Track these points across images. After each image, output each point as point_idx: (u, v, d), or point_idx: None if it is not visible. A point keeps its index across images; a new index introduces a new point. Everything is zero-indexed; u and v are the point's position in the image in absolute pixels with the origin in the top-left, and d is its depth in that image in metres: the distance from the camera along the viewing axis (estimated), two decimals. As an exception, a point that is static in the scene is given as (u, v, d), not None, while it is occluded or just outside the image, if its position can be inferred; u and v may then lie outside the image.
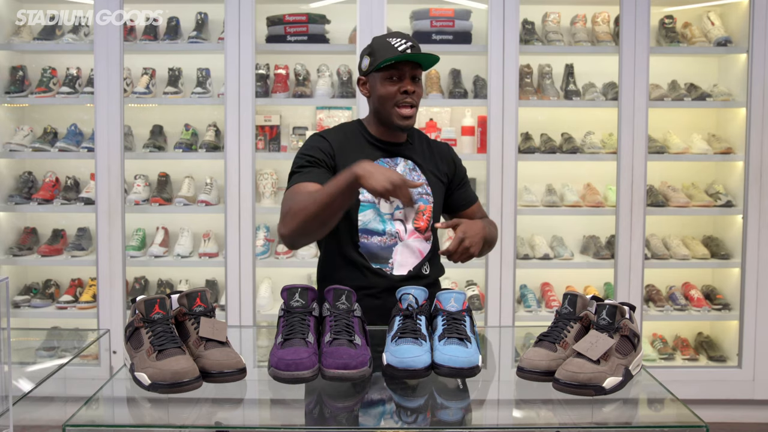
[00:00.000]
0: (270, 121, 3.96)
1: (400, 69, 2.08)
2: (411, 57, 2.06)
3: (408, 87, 2.08)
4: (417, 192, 2.17)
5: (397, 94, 2.09)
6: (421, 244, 2.17)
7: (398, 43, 2.07)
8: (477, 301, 3.87)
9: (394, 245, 2.13)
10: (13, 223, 4.02)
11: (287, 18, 3.82)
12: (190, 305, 1.70)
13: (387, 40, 2.09)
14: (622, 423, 1.61)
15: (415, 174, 2.19)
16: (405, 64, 2.08)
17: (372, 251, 2.13)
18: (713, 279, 4.13)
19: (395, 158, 2.19)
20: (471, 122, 3.96)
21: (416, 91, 2.11)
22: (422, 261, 2.17)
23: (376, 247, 2.12)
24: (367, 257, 2.13)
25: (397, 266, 2.14)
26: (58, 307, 3.89)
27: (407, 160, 2.20)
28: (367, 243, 2.12)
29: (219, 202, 3.92)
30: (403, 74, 2.09)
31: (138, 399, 1.61)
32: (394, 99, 2.10)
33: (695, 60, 4.14)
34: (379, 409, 1.64)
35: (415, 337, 1.68)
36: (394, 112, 2.11)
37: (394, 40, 2.09)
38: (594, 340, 1.61)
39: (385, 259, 2.13)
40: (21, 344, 2.60)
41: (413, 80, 2.10)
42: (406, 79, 2.09)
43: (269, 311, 3.87)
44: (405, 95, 2.09)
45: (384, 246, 2.13)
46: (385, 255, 2.13)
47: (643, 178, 3.79)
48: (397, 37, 2.10)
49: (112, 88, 3.72)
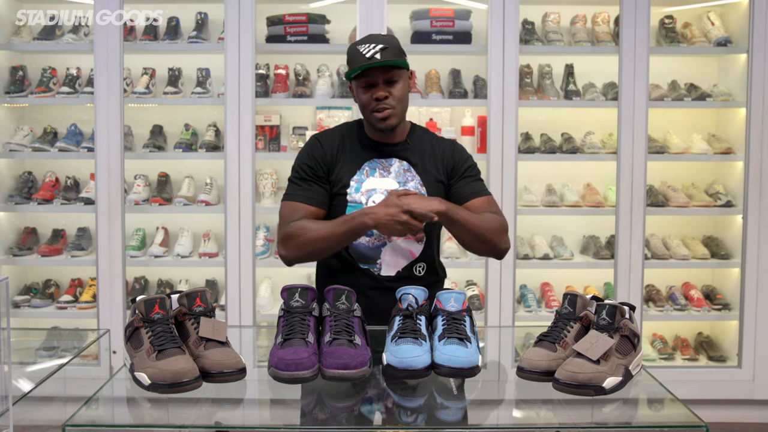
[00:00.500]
0: (270, 121, 3.96)
1: (370, 76, 2.06)
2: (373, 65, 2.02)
3: (379, 93, 2.06)
4: None
5: (371, 102, 2.08)
6: (411, 245, 2.14)
7: (366, 50, 2.04)
8: (477, 301, 3.87)
9: (382, 246, 2.12)
10: (13, 223, 4.02)
11: (287, 18, 3.82)
12: (190, 305, 1.70)
13: (357, 48, 2.07)
14: (622, 423, 1.61)
15: (409, 174, 2.17)
16: (375, 70, 2.05)
17: (360, 251, 2.13)
18: (713, 279, 4.13)
19: (390, 159, 2.18)
20: (471, 122, 3.96)
21: (390, 95, 2.07)
22: (413, 262, 2.15)
23: (364, 247, 2.13)
24: (356, 257, 2.14)
25: (385, 266, 2.13)
26: (58, 307, 3.89)
27: (402, 160, 2.18)
28: (357, 243, 2.12)
29: (219, 202, 3.92)
30: (375, 80, 2.06)
31: (138, 399, 1.61)
32: (369, 106, 2.09)
33: (695, 60, 4.14)
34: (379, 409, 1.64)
35: (415, 337, 1.68)
36: (372, 118, 2.11)
37: (363, 46, 2.06)
38: (594, 340, 1.61)
39: (373, 260, 2.13)
40: (21, 344, 2.60)
41: (388, 83, 2.07)
42: (378, 86, 2.06)
43: (269, 311, 3.87)
44: (377, 102, 2.07)
45: (372, 246, 2.12)
46: (373, 255, 2.13)
47: (643, 178, 3.79)
48: (366, 42, 2.07)
49: (112, 88, 3.72)
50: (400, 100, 2.10)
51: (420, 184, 2.16)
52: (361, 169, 2.16)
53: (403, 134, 2.20)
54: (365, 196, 2.13)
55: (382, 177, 2.15)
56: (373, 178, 2.15)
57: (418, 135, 2.24)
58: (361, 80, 2.08)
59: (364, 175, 2.15)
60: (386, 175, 2.16)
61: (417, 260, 2.16)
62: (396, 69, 2.08)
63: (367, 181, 2.15)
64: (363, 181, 2.15)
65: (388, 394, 1.67)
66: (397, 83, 2.09)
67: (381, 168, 2.16)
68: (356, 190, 2.14)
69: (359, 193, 2.13)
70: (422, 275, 2.17)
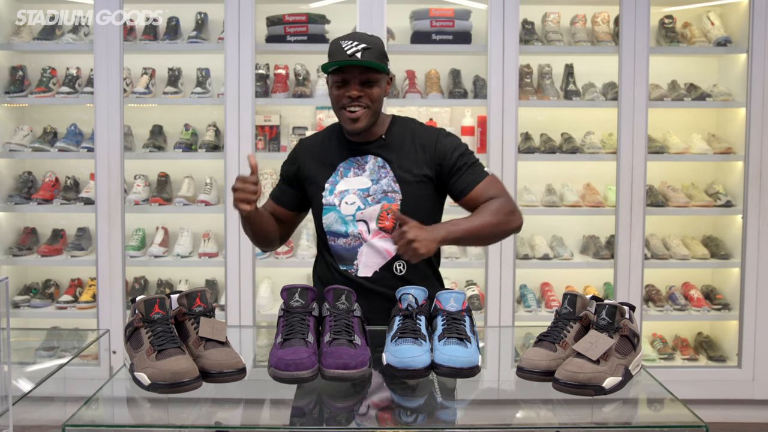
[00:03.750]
0: (270, 121, 3.96)
1: (347, 73, 2.03)
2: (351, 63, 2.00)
3: (352, 92, 2.03)
4: (381, 190, 2.10)
5: (342, 98, 2.05)
6: (387, 243, 2.09)
7: (348, 46, 2.01)
8: (477, 301, 3.87)
9: (359, 246, 2.10)
10: (12, 223, 4.02)
11: (287, 18, 3.82)
12: (190, 305, 1.70)
13: (339, 43, 2.04)
14: (622, 423, 1.61)
15: (383, 171, 2.12)
16: (353, 68, 2.01)
17: (339, 253, 2.13)
18: (713, 279, 4.13)
19: (365, 156, 2.15)
20: (471, 122, 3.96)
21: (364, 95, 2.04)
22: (390, 261, 2.10)
23: (341, 248, 2.12)
24: (336, 258, 2.13)
25: (362, 267, 2.10)
26: (57, 307, 3.89)
27: (377, 157, 2.14)
28: (335, 245, 2.12)
29: (219, 202, 3.92)
30: (351, 78, 2.03)
31: (138, 399, 1.61)
32: (339, 103, 2.07)
33: (695, 60, 4.14)
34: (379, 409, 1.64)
35: (415, 337, 1.68)
36: (341, 115, 2.08)
37: (346, 42, 2.03)
38: (594, 340, 1.61)
39: (350, 261, 2.11)
40: (21, 344, 2.60)
41: (364, 84, 2.04)
42: (353, 84, 2.03)
43: (269, 311, 3.87)
44: (350, 100, 2.04)
45: (349, 247, 2.11)
46: (350, 256, 2.11)
47: (643, 178, 3.79)
48: (350, 39, 2.04)
49: (112, 88, 3.72)
50: (372, 103, 2.06)
51: (393, 180, 2.11)
52: (335, 171, 2.15)
53: (381, 131, 2.15)
54: (338, 198, 2.12)
55: (356, 176, 2.13)
56: (346, 178, 2.14)
57: (397, 129, 2.16)
58: (338, 76, 2.05)
59: (338, 177, 2.14)
60: (360, 174, 2.13)
61: (395, 258, 2.09)
62: (374, 72, 2.04)
63: (341, 183, 2.14)
64: (337, 183, 2.14)
65: (388, 394, 1.67)
66: (373, 85, 2.05)
67: (356, 167, 2.14)
68: (330, 193, 2.13)
69: (333, 195, 2.13)
70: (403, 274, 2.11)
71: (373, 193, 2.10)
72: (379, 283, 2.08)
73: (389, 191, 2.10)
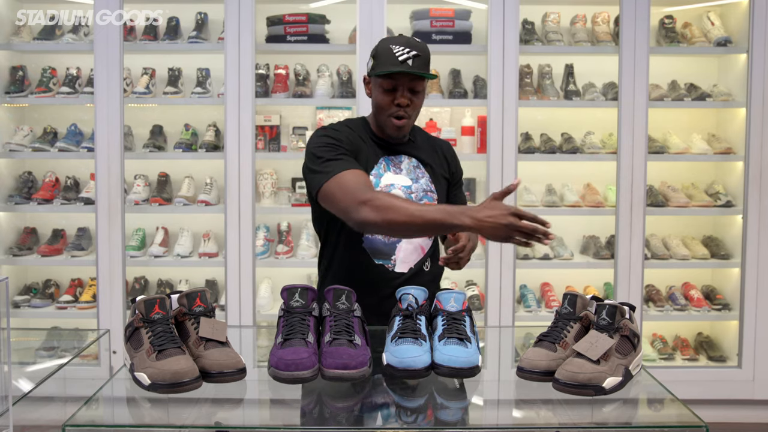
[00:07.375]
0: (270, 121, 3.96)
1: (397, 79, 2.04)
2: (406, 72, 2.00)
3: (401, 100, 2.05)
4: (422, 189, 2.15)
5: (391, 106, 2.06)
6: (423, 240, 2.15)
7: (400, 53, 2.01)
8: (477, 301, 3.87)
9: (398, 242, 2.12)
10: (13, 223, 4.02)
11: (287, 18, 3.82)
12: (190, 305, 1.70)
13: (390, 47, 2.03)
14: (622, 423, 1.61)
15: (419, 171, 2.17)
16: (404, 76, 2.03)
17: (376, 247, 2.11)
18: (713, 279, 4.13)
19: (399, 156, 2.17)
20: (471, 122, 3.96)
21: (412, 103, 2.07)
22: (423, 258, 2.16)
23: (380, 242, 2.11)
24: (371, 253, 2.12)
25: (399, 263, 2.12)
26: (58, 307, 3.89)
27: (411, 157, 2.18)
28: (372, 238, 2.11)
29: (219, 202, 3.92)
30: (401, 85, 2.04)
31: (138, 399, 1.61)
32: (388, 110, 2.07)
33: (695, 60, 4.14)
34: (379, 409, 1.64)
35: (415, 337, 1.68)
36: (387, 121, 2.10)
37: (397, 48, 2.02)
38: (594, 340, 1.61)
39: (387, 255, 2.12)
40: (21, 344, 2.60)
41: (411, 92, 2.06)
42: (402, 91, 2.04)
43: (269, 311, 3.87)
44: (398, 108, 2.06)
45: (388, 242, 2.11)
46: (389, 251, 2.12)
47: (643, 178, 3.79)
48: (401, 44, 2.02)
49: (112, 88, 3.72)
50: (416, 110, 2.11)
51: (429, 181, 2.18)
52: (378, 163, 2.14)
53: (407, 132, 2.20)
54: (386, 190, 2.10)
55: (396, 174, 2.15)
56: (389, 173, 2.14)
57: (418, 132, 2.27)
58: (387, 81, 2.05)
59: (381, 170, 2.14)
60: (398, 172, 2.15)
61: (426, 255, 2.16)
62: (422, 80, 2.07)
63: (385, 176, 2.13)
64: (381, 176, 2.13)
65: (388, 394, 1.67)
66: (419, 93, 2.08)
67: (393, 165, 2.16)
68: (376, 185, 2.10)
69: (379, 187, 2.11)
70: (428, 270, 2.19)
71: (415, 191, 2.14)
72: (413, 279, 2.11)
73: (428, 191, 2.17)
